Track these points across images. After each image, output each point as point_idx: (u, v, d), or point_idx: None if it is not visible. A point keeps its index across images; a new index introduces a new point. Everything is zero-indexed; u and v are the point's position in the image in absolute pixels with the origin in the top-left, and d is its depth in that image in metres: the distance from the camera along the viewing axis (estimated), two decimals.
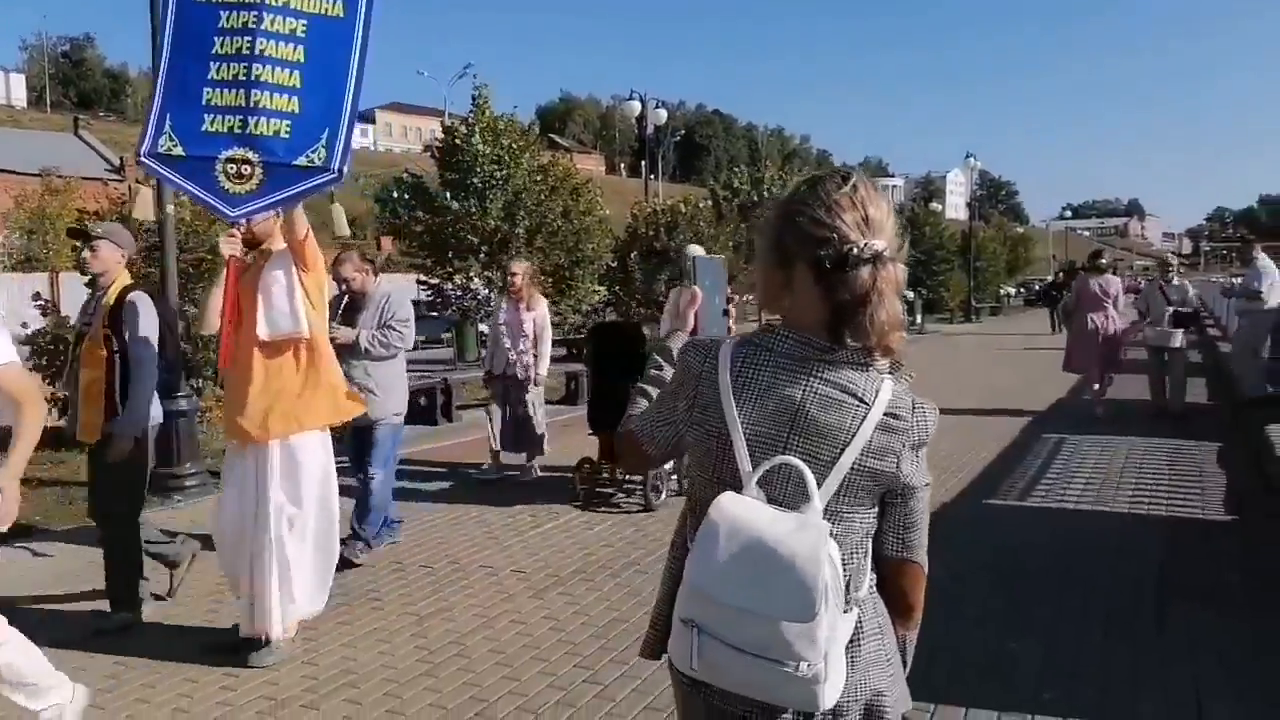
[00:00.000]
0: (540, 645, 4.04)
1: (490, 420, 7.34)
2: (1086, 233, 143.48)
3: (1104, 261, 11.22)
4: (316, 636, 4.18)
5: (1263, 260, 10.22)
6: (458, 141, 13.26)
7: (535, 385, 7.22)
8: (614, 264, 17.64)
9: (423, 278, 14.04)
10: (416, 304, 25.21)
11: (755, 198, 23.36)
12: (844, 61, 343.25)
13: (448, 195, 13.30)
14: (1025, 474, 7.28)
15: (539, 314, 7.29)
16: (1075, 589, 4.59)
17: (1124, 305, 10.64)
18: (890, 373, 1.46)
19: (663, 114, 23.09)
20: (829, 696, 1.34)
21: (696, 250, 7.22)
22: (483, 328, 20.91)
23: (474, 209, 13.04)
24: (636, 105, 21.64)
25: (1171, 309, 9.55)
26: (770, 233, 1.49)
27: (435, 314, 23.46)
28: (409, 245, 14.28)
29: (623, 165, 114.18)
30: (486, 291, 13.86)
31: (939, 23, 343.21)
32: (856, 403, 1.41)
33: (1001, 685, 3.52)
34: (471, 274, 13.75)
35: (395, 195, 14.57)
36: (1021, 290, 53.55)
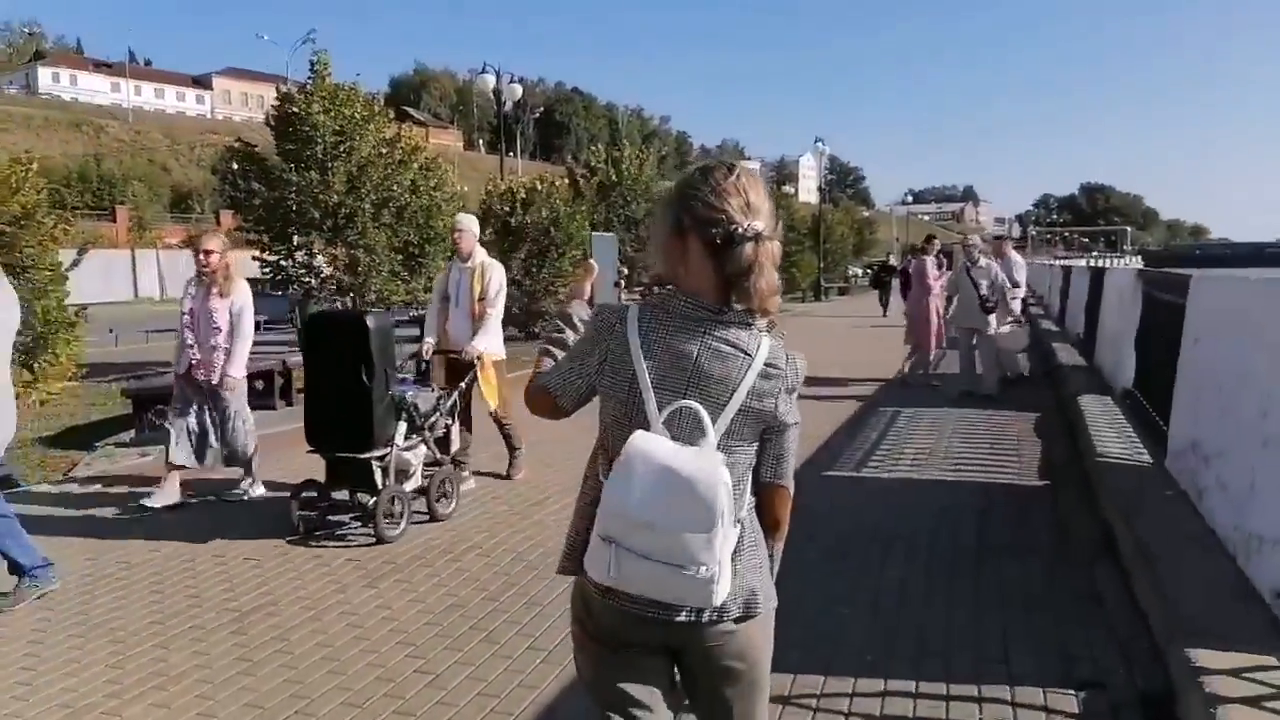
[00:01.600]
0: (370, 636, 3.88)
1: (171, 431, 5.92)
2: (926, 217, 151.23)
3: (936, 245, 12.02)
4: (125, 638, 3.88)
5: (1014, 256, 11.69)
6: (295, 110, 12.57)
7: (227, 391, 5.90)
8: None
9: (260, 254, 13.25)
10: (257, 282, 23.92)
11: (613, 177, 23.34)
12: (702, 50, 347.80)
13: (291, 168, 12.62)
14: (862, 447, 7.58)
15: (237, 301, 5.92)
16: (900, 553, 4.80)
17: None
18: (767, 331, 1.76)
19: (518, 89, 22.69)
20: (720, 594, 1.64)
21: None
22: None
23: (315, 182, 12.41)
24: (491, 79, 21.17)
25: (981, 294, 9.66)
26: (670, 212, 1.74)
27: (279, 293, 22.49)
28: (246, 220, 13.47)
29: (481, 142, 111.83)
30: (330, 270, 13.25)
31: (795, 21, 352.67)
32: (742, 355, 1.71)
33: (832, 649, 3.63)
34: (314, 250, 13.12)
35: (234, 166, 13.73)
36: (869, 271, 55.94)
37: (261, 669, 3.58)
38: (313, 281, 13.49)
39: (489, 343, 6.25)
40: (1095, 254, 76.72)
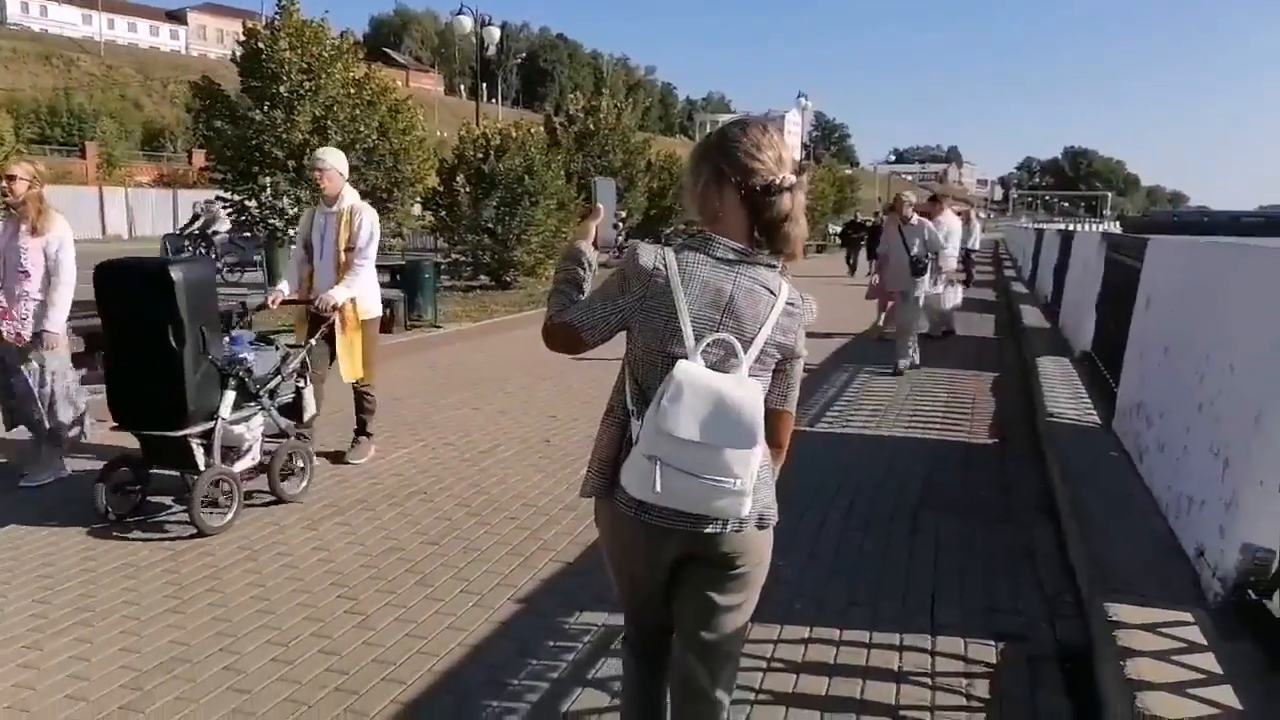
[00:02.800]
0: (304, 578, 3.86)
1: None
2: (910, 177, 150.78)
3: (908, 205, 11.95)
4: (53, 574, 3.85)
5: (950, 219, 11.51)
6: (261, 47, 12.23)
7: (46, 348, 4.89)
8: (440, 188, 17.01)
9: (223, 194, 12.98)
10: (232, 224, 23.26)
11: (591, 126, 23.01)
12: (690, 1, 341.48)
13: (255, 106, 12.32)
14: (819, 401, 7.60)
15: (53, 241, 4.88)
16: (843, 507, 4.83)
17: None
18: (782, 274, 1.95)
19: (496, 32, 22.25)
20: (748, 505, 1.84)
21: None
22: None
23: (280, 121, 12.12)
24: (468, 21, 20.73)
25: (912, 255, 9.04)
26: (707, 163, 1.91)
27: (248, 234, 22.13)
28: (210, 159, 13.19)
29: (463, 86, 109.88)
30: (295, 211, 13.01)
31: None
32: (769, 294, 1.90)
33: (761, 597, 3.63)
34: (279, 190, 12.86)
35: (199, 103, 13.37)
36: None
37: (191, 606, 3.56)
38: (278, 223, 13.26)
39: (353, 295, 5.38)
40: (1075, 219, 76.99)
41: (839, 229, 52.47)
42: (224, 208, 13.44)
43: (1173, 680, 2.57)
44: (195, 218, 20.63)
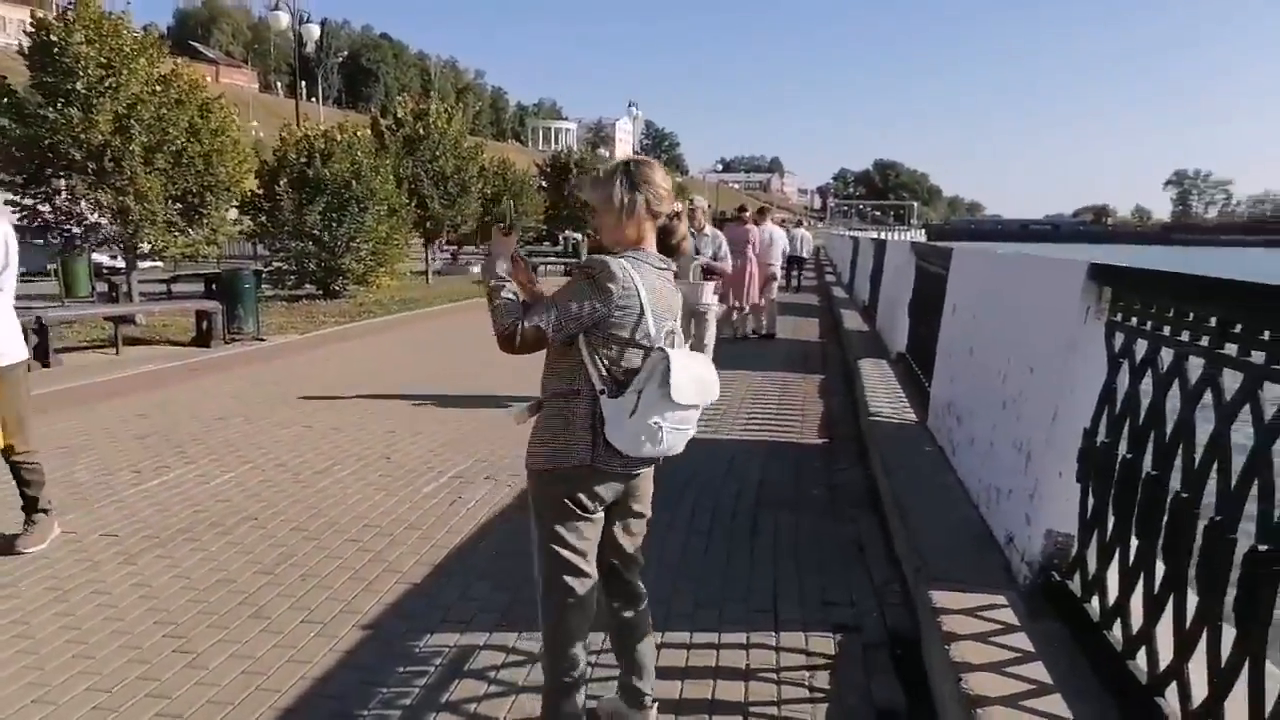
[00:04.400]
0: (125, 618, 3.58)
1: None
2: (736, 185, 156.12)
3: (745, 213, 12.56)
4: None
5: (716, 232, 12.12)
6: (54, 39, 11.18)
7: None
8: (259, 192, 16.14)
9: (12, 198, 11.77)
10: (22, 230, 21.47)
11: (421, 131, 22.41)
12: (520, 6, 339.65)
13: (47, 103, 11.24)
14: None
15: None
16: (686, 510, 4.96)
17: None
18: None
19: (315, 29, 21.33)
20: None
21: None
22: (97, 257, 18.33)
23: (76, 120, 11.11)
24: (284, 17, 19.77)
25: (697, 261, 7.85)
26: (637, 197, 2.47)
27: (39, 240, 20.16)
28: None
29: (279, 84, 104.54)
30: (95, 217, 11.97)
31: None
32: (674, 289, 2.58)
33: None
34: (76, 194, 11.79)
35: None
36: None
37: None
38: (76, 230, 12.16)
39: None
40: (886, 227, 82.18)
41: None
42: (14, 213, 12.18)
43: (992, 660, 2.80)
44: None
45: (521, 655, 3.28)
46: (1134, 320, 2.86)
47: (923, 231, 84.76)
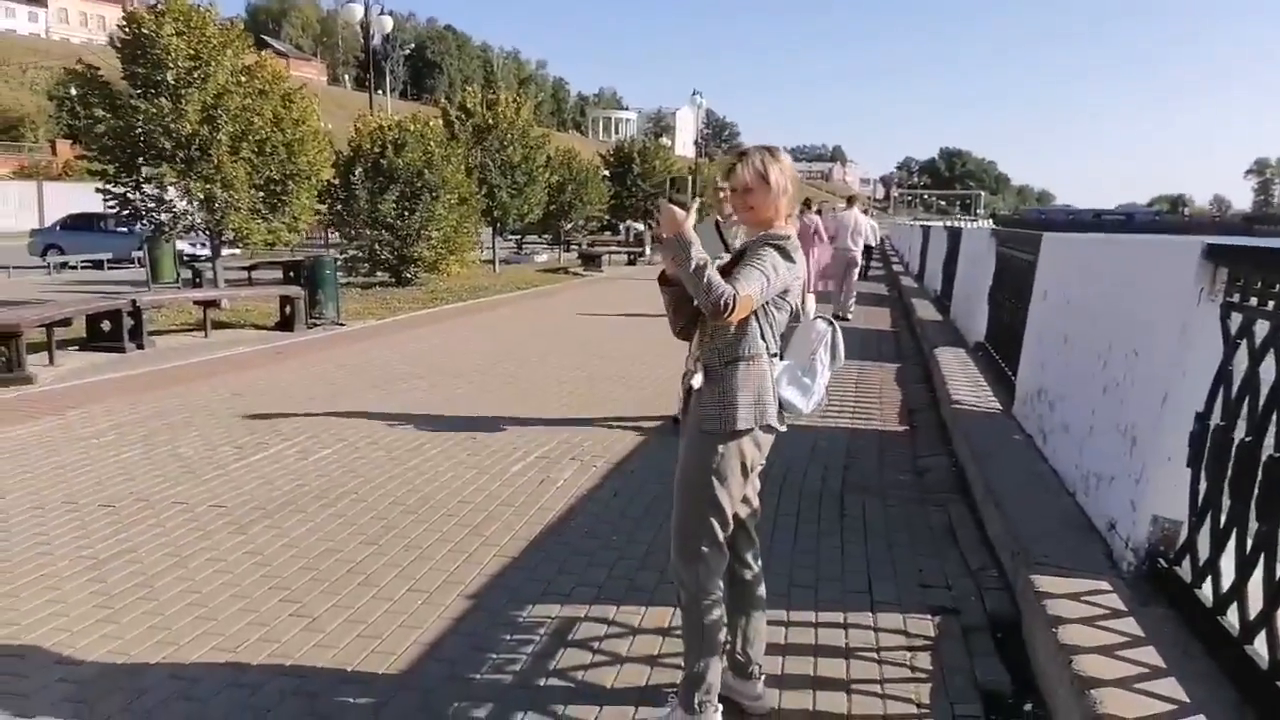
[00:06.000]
0: (241, 583, 3.75)
1: None
2: (798, 175, 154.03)
3: (814, 206, 12.77)
4: None
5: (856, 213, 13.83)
6: (145, 32, 11.60)
7: None
8: (335, 181, 16.53)
9: (105, 186, 12.25)
10: (105, 217, 22.25)
11: (490, 121, 22.69)
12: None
13: (139, 94, 11.67)
14: None
15: None
16: (773, 495, 4.97)
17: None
18: None
19: (388, 21, 21.74)
20: None
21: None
22: (181, 246, 18.96)
23: (166, 110, 11.52)
24: (359, 9, 20.17)
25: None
26: (783, 180, 2.62)
27: (125, 229, 20.98)
28: (89, 149, 12.46)
29: (347, 77, 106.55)
30: (184, 204, 12.39)
31: None
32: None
33: None
34: (166, 183, 12.23)
35: (73, 92, 12.55)
36: None
37: (124, 615, 3.42)
38: (164, 217, 12.62)
39: None
40: (951, 217, 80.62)
41: None
42: (105, 201, 12.68)
43: (1101, 644, 2.78)
44: None
45: (622, 628, 3.36)
46: (1254, 300, 2.81)
47: (990, 221, 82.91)
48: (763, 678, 2.86)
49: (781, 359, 2.65)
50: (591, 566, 3.94)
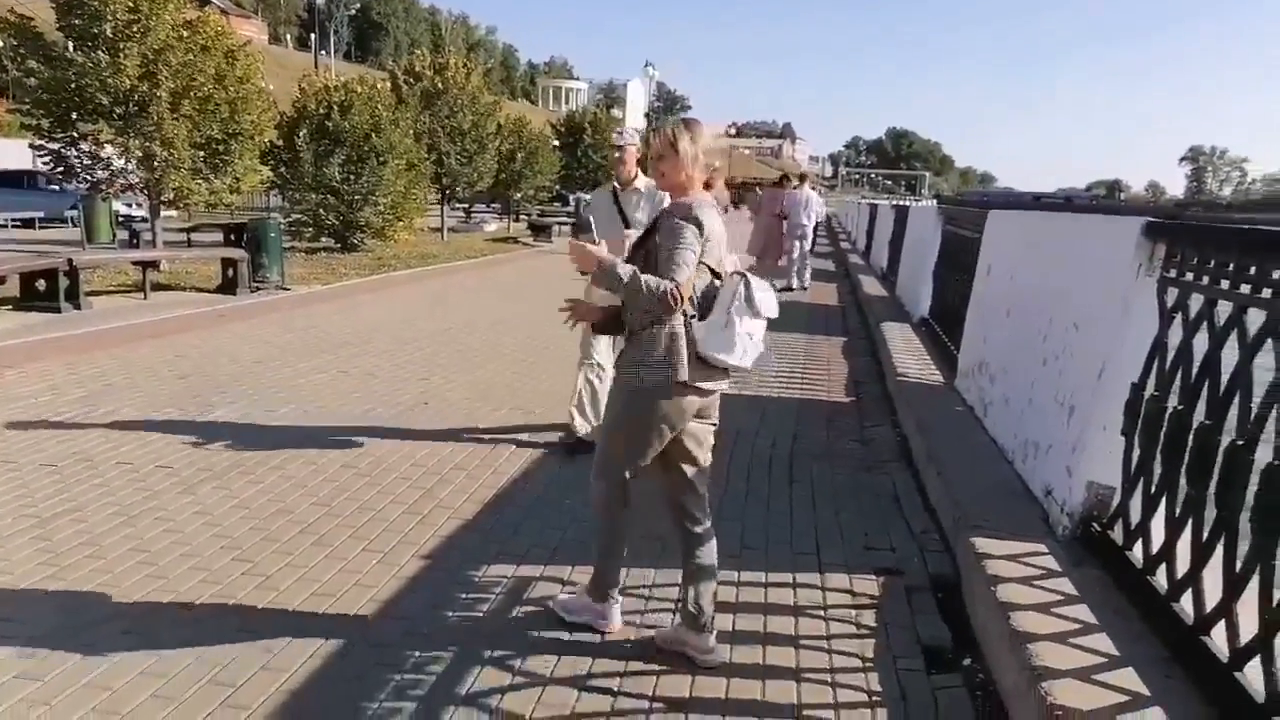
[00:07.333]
0: (191, 541, 3.72)
1: None
2: (748, 151, 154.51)
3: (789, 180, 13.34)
4: None
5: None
6: None
7: None
8: (279, 143, 16.13)
9: (39, 142, 11.79)
10: (36, 174, 21.37)
11: (440, 86, 22.27)
12: None
13: (69, 45, 11.23)
14: None
15: None
16: (723, 461, 5.06)
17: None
18: None
19: None
20: None
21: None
22: (117, 205, 18.36)
23: (104, 63, 11.10)
24: None
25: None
26: (694, 148, 2.82)
27: (56, 187, 20.21)
28: (21, 103, 11.96)
29: (289, 36, 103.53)
30: (122, 161, 11.99)
31: None
32: (724, 223, 2.92)
33: (661, 546, 3.77)
34: (103, 140, 11.81)
35: (4, 44, 12.00)
36: None
37: (71, 574, 3.37)
38: (101, 175, 12.20)
39: None
40: (896, 197, 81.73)
41: None
42: (39, 157, 12.21)
43: (1037, 602, 2.91)
44: None
45: (577, 587, 3.41)
46: (1190, 275, 2.94)
47: (934, 202, 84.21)
48: (714, 632, 2.94)
49: (701, 319, 2.76)
50: (546, 528, 3.99)
